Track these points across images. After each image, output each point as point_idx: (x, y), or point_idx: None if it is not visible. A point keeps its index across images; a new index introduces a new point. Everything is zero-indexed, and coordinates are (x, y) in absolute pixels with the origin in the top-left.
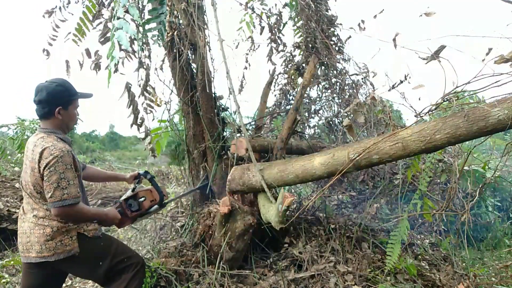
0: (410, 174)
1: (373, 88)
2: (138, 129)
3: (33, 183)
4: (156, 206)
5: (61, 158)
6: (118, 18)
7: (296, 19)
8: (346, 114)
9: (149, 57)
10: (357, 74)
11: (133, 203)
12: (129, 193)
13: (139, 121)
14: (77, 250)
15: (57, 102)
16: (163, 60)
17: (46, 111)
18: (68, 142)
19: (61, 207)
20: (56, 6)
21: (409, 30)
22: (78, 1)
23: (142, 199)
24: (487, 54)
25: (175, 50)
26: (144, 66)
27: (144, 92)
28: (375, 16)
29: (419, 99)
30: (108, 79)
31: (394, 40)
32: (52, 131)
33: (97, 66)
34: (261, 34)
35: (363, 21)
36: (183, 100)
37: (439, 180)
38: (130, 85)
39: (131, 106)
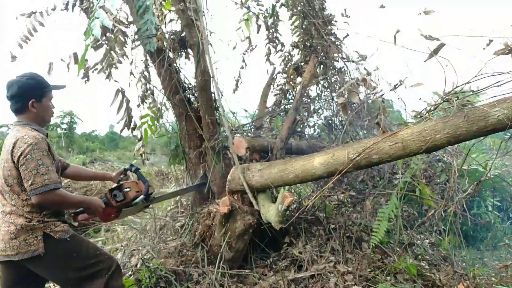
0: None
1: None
2: (132, 132)
3: (5, 175)
4: (142, 197)
5: (36, 145)
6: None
7: (293, 18)
8: (341, 93)
9: (146, 69)
10: (354, 62)
11: (118, 193)
12: (115, 185)
13: (132, 124)
14: (42, 251)
15: (30, 95)
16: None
17: (20, 106)
18: (44, 134)
19: (43, 193)
20: (36, 11)
21: (409, 28)
22: (65, 9)
23: (127, 189)
24: (487, 44)
25: (166, 53)
26: (142, 78)
27: (144, 101)
28: (381, 6)
29: (420, 99)
30: (83, 58)
31: (394, 37)
32: (27, 123)
33: (85, 76)
34: (258, 32)
35: (345, 10)
36: (173, 102)
37: (438, 180)
38: (122, 90)
39: (125, 111)
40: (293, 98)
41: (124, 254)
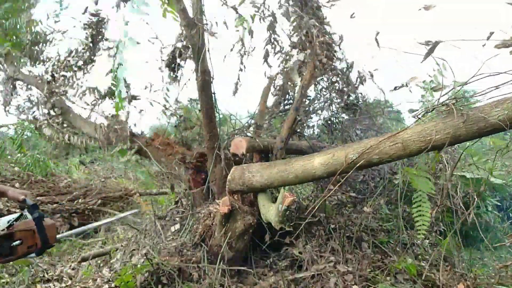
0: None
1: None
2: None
3: None
4: (33, 254)
5: None
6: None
7: (291, 18)
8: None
9: None
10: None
11: (5, 245)
12: (4, 224)
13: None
14: None
15: None
16: None
17: None
18: None
19: None
20: None
21: (409, 28)
22: None
23: (18, 242)
24: (488, 38)
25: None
26: None
27: None
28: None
29: (420, 98)
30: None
31: (376, 40)
32: None
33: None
34: (251, 36)
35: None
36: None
37: (438, 181)
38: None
39: None
40: (292, 97)
41: (124, 254)
